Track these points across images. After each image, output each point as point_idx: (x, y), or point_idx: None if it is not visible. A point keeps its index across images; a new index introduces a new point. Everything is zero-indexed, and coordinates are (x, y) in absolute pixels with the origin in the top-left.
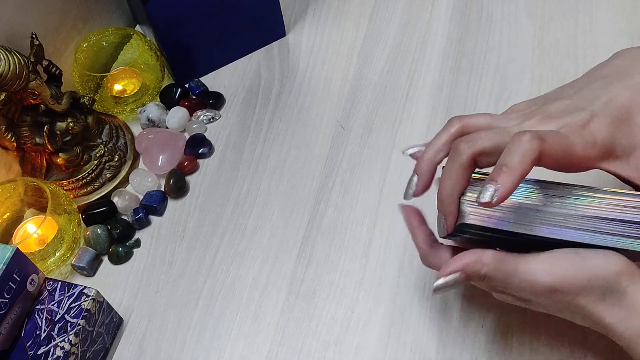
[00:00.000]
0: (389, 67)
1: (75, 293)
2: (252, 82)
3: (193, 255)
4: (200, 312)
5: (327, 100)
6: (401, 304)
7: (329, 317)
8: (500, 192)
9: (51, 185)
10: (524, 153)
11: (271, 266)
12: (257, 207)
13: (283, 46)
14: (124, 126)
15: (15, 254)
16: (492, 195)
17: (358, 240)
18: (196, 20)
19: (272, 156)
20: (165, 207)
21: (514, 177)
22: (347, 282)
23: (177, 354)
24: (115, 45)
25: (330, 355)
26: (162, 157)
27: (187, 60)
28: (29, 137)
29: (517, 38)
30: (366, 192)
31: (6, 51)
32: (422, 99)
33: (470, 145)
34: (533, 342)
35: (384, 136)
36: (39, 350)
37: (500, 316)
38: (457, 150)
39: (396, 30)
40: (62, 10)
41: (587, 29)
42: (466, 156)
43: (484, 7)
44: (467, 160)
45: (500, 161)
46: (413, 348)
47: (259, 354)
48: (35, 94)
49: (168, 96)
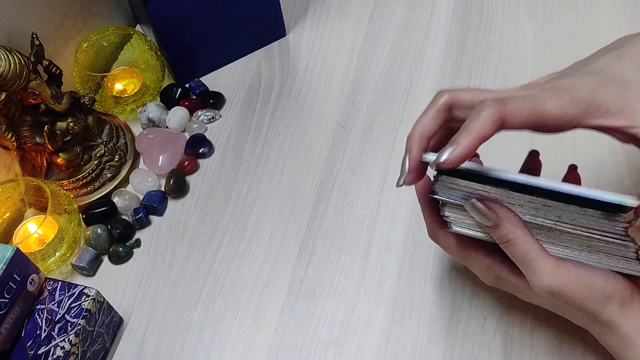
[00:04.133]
0: (389, 67)
1: (75, 293)
2: (253, 82)
3: (193, 255)
4: (201, 312)
5: (328, 100)
6: (401, 304)
7: (329, 317)
8: (457, 151)
9: (51, 185)
10: (483, 116)
11: (271, 266)
12: (257, 207)
13: (283, 46)
14: (124, 126)
15: (15, 253)
16: (448, 154)
17: (358, 240)
18: (197, 20)
19: (273, 156)
20: (165, 207)
21: (471, 139)
22: (348, 282)
23: (177, 353)
24: (116, 45)
25: (330, 355)
26: (163, 157)
27: (187, 60)
28: (29, 137)
29: (517, 38)
30: (366, 192)
31: (6, 51)
32: (423, 98)
33: (450, 93)
34: (533, 342)
35: (384, 136)
36: (39, 350)
37: (501, 316)
38: (438, 95)
39: (396, 30)
40: (62, 10)
41: (587, 29)
42: (443, 100)
43: (484, 7)
44: (443, 105)
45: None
46: (413, 348)
47: (259, 354)
48: (35, 94)
49: (168, 96)
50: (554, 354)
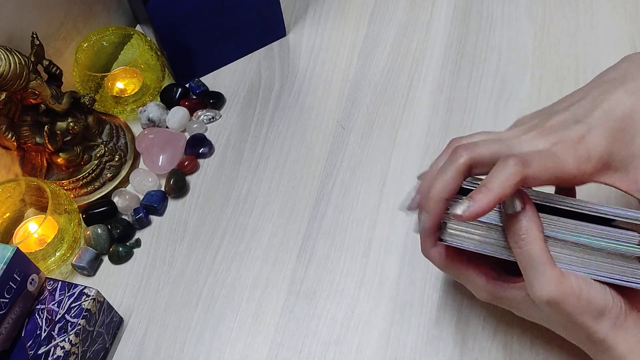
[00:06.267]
0: (389, 68)
1: (75, 293)
2: (253, 82)
3: (193, 255)
4: (201, 312)
5: (328, 100)
6: (401, 304)
7: (329, 317)
8: (472, 208)
9: (51, 185)
10: (505, 177)
11: (271, 266)
12: (257, 207)
13: (283, 46)
14: (124, 126)
15: (15, 253)
16: (463, 210)
17: (358, 240)
18: (197, 20)
19: (273, 156)
20: (165, 207)
21: (490, 198)
22: (348, 282)
23: (177, 354)
24: (116, 45)
25: (330, 355)
26: (163, 157)
27: (187, 60)
28: (29, 137)
29: (517, 39)
30: (366, 192)
31: (6, 51)
32: (423, 99)
33: (469, 152)
34: (534, 342)
35: (384, 136)
36: (40, 350)
37: (501, 316)
38: (455, 154)
39: (396, 31)
40: (62, 10)
41: (587, 29)
42: (463, 161)
43: (485, 8)
44: (463, 165)
45: (482, 182)
46: (413, 348)
47: (259, 354)
48: (35, 94)
49: (168, 96)
50: (555, 354)
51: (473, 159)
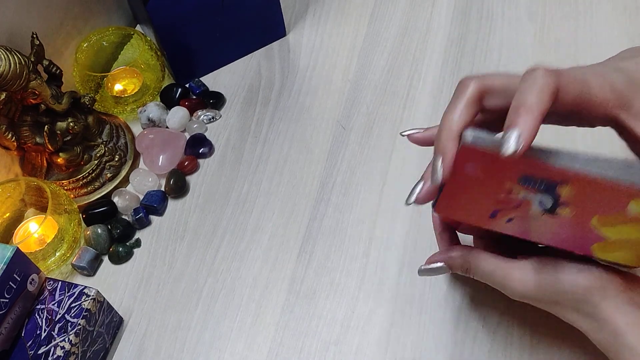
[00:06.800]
0: (389, 67)
1: (75, 293)
2: (253, 82)
3: (193, 255)
4: (201, 312)
5: (328, 100)
6: (401, 304)
7: (329, 317)
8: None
9: (51, 185)
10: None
11: (271, 266)
12: (257, 207)
13: (283, 46)
14: (124, 126)
15: (15, 253)
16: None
17: (358, 240)
18: (197, 20)
19: (273, 156)
20: (165, 207)
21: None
22: (348, 282)
23: (177, 354)
24: (116, 45)
25: (330, 355)
26: (163, 157)
27: (187, 60)
28: (29, 137)
29: (517, 38)
30: (366, 192)
31: (6, 51)
32: (423, 99)
33: (479, 80)
34: (533, 342)
35: (384, 136)
36: (40, 350)
37: (501, 316)
38: (464, 84)
39: (396, 30)
40: (62, 10)
41: (587, 29)
42: (473, 89)
43: (485, 7)
44: (474, 93)
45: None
46: (413, 348)
47: (259, 354)
48: (35, 94)
49: (168, 96)
50: (555, 354)
51: (483, 85)
